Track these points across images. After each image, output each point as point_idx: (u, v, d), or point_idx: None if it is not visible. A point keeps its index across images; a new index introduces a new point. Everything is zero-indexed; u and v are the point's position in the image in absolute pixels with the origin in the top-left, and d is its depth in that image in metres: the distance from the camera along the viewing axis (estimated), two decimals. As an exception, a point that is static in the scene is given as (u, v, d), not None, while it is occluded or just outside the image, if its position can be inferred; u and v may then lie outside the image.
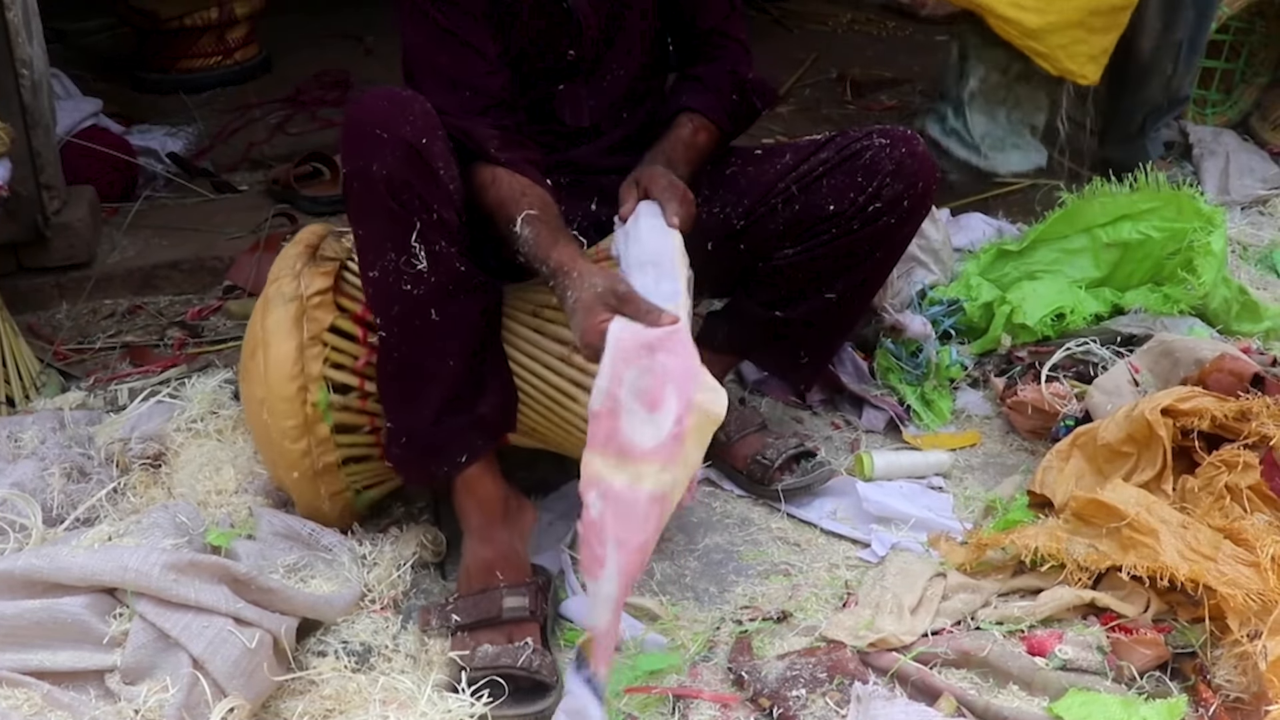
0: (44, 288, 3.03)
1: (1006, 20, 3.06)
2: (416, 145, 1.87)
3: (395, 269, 1.90)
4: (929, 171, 2.20)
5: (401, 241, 1.89)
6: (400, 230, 1.88)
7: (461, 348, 1.98)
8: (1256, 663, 1.77)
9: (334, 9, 4.94)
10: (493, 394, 2.04)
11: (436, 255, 1.90)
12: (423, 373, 1.98)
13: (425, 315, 1.93)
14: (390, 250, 1.90)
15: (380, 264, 1.91)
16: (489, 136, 2.01)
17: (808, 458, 2.35)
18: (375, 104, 1.91)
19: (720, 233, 2.23)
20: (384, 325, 1.96)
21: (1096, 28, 3.12)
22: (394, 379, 2.01)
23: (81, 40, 4.65)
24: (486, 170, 2.00)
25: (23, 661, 1.75)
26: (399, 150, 1.86)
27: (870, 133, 2.21)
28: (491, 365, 2.05)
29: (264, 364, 2.05)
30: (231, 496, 2.20)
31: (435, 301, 1.92)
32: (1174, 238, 2.76)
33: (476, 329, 2.00)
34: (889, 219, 2.17)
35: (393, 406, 2.04)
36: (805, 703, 1.81)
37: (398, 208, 1.87)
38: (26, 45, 2.87)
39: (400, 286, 1.91)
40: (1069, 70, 3.13)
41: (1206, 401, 2.16)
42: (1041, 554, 2.01)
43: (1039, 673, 1.85)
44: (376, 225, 1.91)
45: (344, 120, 1.95)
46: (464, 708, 1.80)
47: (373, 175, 1.86)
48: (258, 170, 3.67)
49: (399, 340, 1.96)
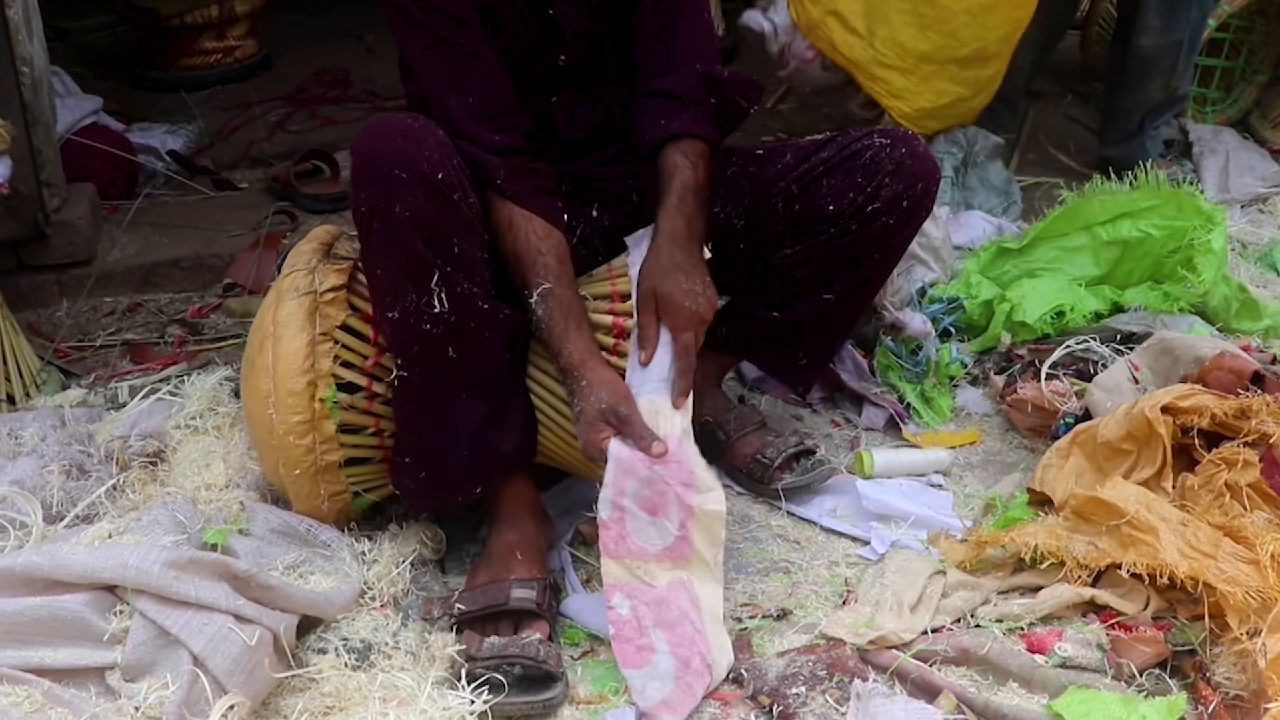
0: (44, 285, 3.04)
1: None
2: (434, 180, 1.85)
3: (415, 310, 1.88)
4: (930, 172, 2.19)
5: (423, 283, 1.87)
6: (422, 272, 1.87)
7: (482, 386, 1.97)
8: (1256, 660, 1.77)
9: (334, 7, 4.94)
10: (512, 430, 2.03)
11: (458, 296, 1.89)
12: (442, 411, 1.97)
13: (444, 353, 1.92)
14: (411, 292, 1.88)
15: (400, 305, 1.89)
16: (496, 168, 1.98)
17: (807, 456, 2.34)
18: (389, 139, 1.87)
19: (720, 233, 2.22)
20: (404, 365, 1.95)
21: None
22: (412, 417, 2.01)
23: (82, 38, 4.65)
24: (504, 211, 1.98)
25: (23, 659, 1.75)
26: (419, 187, 1.84)
27: (871, 132, 2.20)
28: (513, 400, 2.04)
29: (272, 357, 2.03)
30: (221, 491, 2.19)
31: (455, 340, 1.91)
32: (1174, 236, 2.76)
33: (498, 365, 1.99)
34: (888, 219, 2.16)
35: (408, 442, 2.03)
36: (805, 700, 1.82)
37: (423, 247, 1.85)
38: (27, 43, 2.87)
39: (421, 326, 1.89)
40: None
41: (1206, 399, 2.16)
42: (1041, 552, 2.01)
43: (1038, 670, 1.85)
44: (397, 266, 1.88)
45: (356, 157, 1.90)
46: (464, 705, 1.80)
47: (396, 215, 1.83)
48: (258, 168, 3.67)
49: (418, 379, 1.95)
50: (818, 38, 3.15)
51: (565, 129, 2.18)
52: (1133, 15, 3.31)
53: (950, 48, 3.07)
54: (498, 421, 2.00)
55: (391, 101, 3.99)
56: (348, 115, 3.98)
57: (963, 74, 3.13)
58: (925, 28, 3.05)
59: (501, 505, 2.09)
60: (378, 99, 4.08)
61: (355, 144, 1.91)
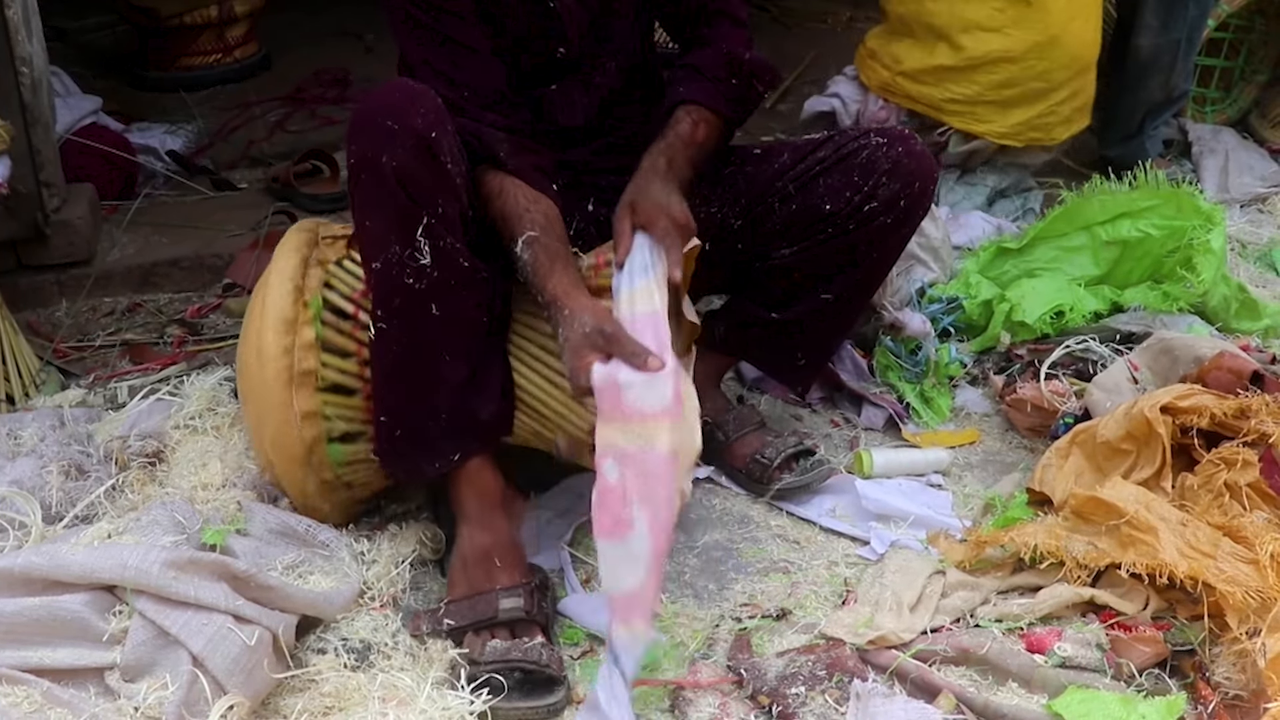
0: (44, 285, 3.03)
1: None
2: (426, 137, 1.87)
3: (399, 261, 1.90)
4: (927, 171, 2.19)
5: (407, 235, 1.89)
6: (406, 223, 1.88)
7: (461, 346, 1.97)
8: (1255, 660, 1.77)
9: (334, 7, 4.93)
10: (491, 397, 2.03)
11: (440, 250, 1.90)
12: (421, 368, 1.97)
13: (426, 310, 1.93)
14: (395, 243, 1.90)
15: (384, 256, 1.91)
16: (498, 140, 2.00)
17: (807, 456, 2.34)
18: (387, 95, 1.91)
19: (718, 232, 2.22)
20: (384, 317, 1.96)
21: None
22: (391, 373, 2.00)
23: (81, 38, 4.65)
24: (495, 179, 2.00)
25: (22, 659, 1.75)
26: (409, 141, 1.86)
27: (868, 131, 2.20)
28: (492, 366, 2.04)
29: (265, 290, 2.06)
30: (218, 491, 2.18)
31: (437, 296, 1.92)
32: (1173, 236, 2.76)
33: (478, 327, 1.99)
34: (885, 219, 2.16)
35: (387, 401, 2.02)
36: (804, 700, 1.82)
37: (406, 200, 1.87)
38: (26, 43, 2.87)
39: (403, 279, 1.91)
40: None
41: (1206, 399, 2.16)
42: (1041, 551, 2.01)
43: (1038, 670, 1.85)
44: (382, 217, 1.90)
45: (355, 110, 1.94)
46: (463, 705, 1.80)
47: (382, 166, 1.86)
48: (257, 168, 3.67)
49: (398, 334, 1.96)
50: (891, 94, 3.20)
51: (561, 116, 2.20)
52: (1131, 15, 3.32)
53: (1020, 81, 3.11)
54: (476, 386, 2.00)
55: (391, 101, 3.99)
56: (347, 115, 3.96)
57: (1039, 103, 3.16)
58: (992, 72, 3.09)
59: (466, 500, 2.04)
60: (377, 99, 4.07)
61: (357, 101, 1.97)
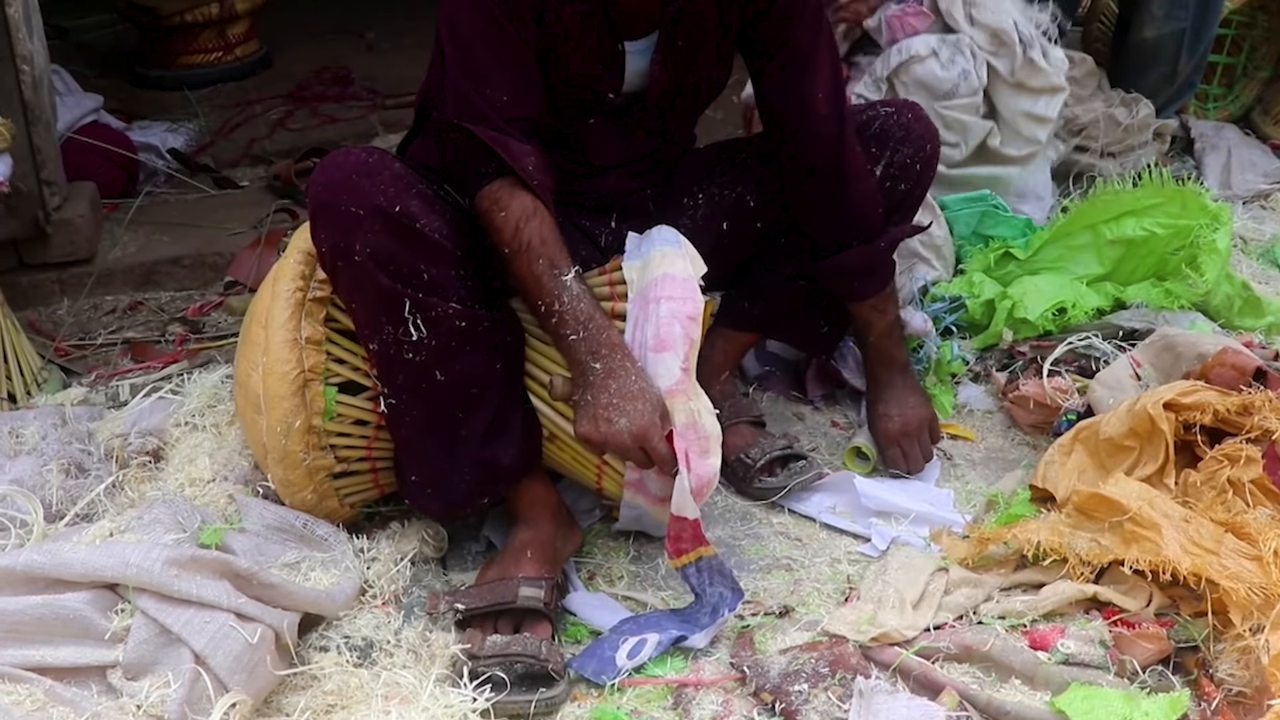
0: (45, 284, 3.03)
1: None
2: (392, 212, 1.82)
3: (394, 340, 1.88)
4: (933, 132, 2.30)
5: (395, 316, 1.86)
6: (393, 305, 1.85)
7: (475, 397, 1.95)
8: (1259, 657, 1.76)
9: (335, 4, 4.94)
10: (511, 440, 2.00)
11: (434, 320, 1.87)
12: (438, 431, 1.96)
13: (432, 378, 1.91)
14: (386, 324, 1.87)
15: (379, 337, 1.89)
16: (526, 153, 1.93)
17: (794, 460, 2.34)
18: (343, 176, 1.84)
19: (736, 212, 2.26)
20: (392, 393, 1.94)
21: None
22: (408, 441, 2.00)
23: (82, 36, 4.65)
24: (524, 197, 1.91)
25: (24, 657, 1.74)
26: (377, 224, 1.81)
27: (874, 104, 2.32)
28: (510, 406, 2.00)
29: (271, 291, 2.00)
30: (207, 486, 2.16)
31: (440, 363, 1.90)
32: (1178, 234, 2.75)
33: (490, 375, 1.95)
34: (902, 185, 2.25)
35: (409, 463, 2.02)
36: (807, 697, 1.81)
37: (388, 282, 1.83)
38: (27, 41, 2.87)
39: (402, 356, 1.89)
40: None
41: (1209, 396, 2.16)
42: (1043, 549, 2.01)
43: (1041, 667, 1.85)
44: (366, 303, 1.88)
45: (311, 197, 1.87)
46: (465, 702, 1.80)
47: (355, 254, 1.82)
48: (259, 166, 3.67)
49: (409, 405, 1.95)
50: None
51: (593, 154, 2.18)
52: (1132, 8, 3.32)
53: None
54: (496, 432, 1.97)
55: (392, 99, 3.99)
56: (348, 113, 3.98)
57: None
58: None
59: (522, 506, 2.08)
60: (378, 96, 4.07)
61: (310, 184, 1.88)
